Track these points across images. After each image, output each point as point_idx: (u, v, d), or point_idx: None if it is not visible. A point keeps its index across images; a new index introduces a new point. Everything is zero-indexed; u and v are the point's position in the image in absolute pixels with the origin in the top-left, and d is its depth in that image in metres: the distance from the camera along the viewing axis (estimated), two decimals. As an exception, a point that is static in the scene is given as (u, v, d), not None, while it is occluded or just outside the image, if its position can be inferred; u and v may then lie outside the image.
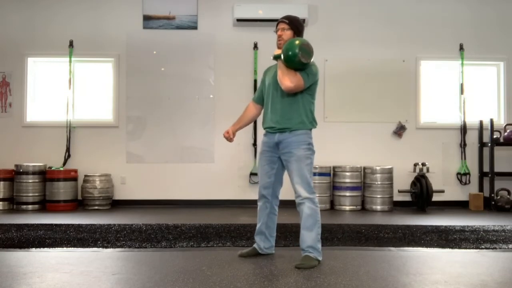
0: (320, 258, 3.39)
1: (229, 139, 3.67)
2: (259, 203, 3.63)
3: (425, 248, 4.03)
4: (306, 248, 3.37)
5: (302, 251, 3.41)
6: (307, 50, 3.30)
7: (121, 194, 6.91)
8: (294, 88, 3.37)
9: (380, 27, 7.09)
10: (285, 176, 3.57)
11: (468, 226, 5.12)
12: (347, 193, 6.59)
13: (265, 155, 3.57)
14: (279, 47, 3.50)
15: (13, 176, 6.53)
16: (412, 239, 4.37)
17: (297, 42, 3.30)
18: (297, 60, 3.28)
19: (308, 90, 3.46)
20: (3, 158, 6.82)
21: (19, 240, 4.23)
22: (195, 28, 7.04)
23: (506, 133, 6.87)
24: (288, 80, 3.35)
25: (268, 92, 3.57)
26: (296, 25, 3.53)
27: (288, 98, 3.44)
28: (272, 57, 3.51)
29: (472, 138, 7.07)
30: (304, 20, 6.76)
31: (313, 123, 3.52)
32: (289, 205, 4.13)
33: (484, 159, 6.96)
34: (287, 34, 3.49)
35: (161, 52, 7.02)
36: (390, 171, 6.63)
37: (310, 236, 3.36)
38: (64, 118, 6.93)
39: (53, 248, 3.95)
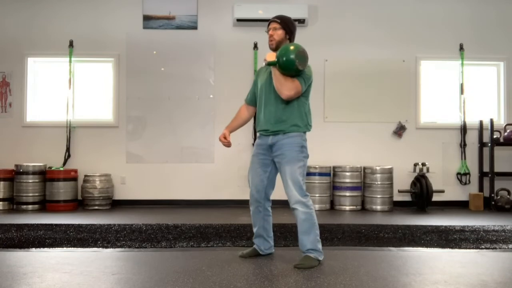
0: (321, 258, 3.38)
1: (227, 143, 3.56)
2: (251, 208, 3.59)
3: (425, 248, 4.03)
4: (306, 251, 3.37)
5: (303, 252, 3.40)
6: (303, 56, 3.26)
7: (121, 194, 6.91)
8: (294, 95, 3.33)
9: (380, 27, 7.09)
10: (278, 178, 3.54)
11: (468, 226, 5.12)
12: (347, 193, 6.59)
13: (258, 157, 3.53)
14: (270, 47, 3.47)
15: (13, 176, 6.54)
16: (412, 239, 4.37)
17: (292, 48, 3.24)
18: (295, 68, 3.24)
19: (303, 92, 3.43)
20: (3, 158, 6.81)
21: (19, 240, 4.23)
22: (195, 28, 7.04)
23: (506, 133, 6.87)
24: (286, 89, 3.30)
25: (261, 94, 3.51)
26: (288, 24, 3.48)
27: (282, 101, 3.38)
28: (264, 64, 3.44)
29: (472, 138, 7.07)
30: (304, 20, 6.81)
31: (307, 126, 3.46)
32: (289, 205, 4.11)
33: (484, 159, 6.96)
34: (279, 34, 3.45)
35: (161, 52, 7.02)
36: (390, 171, 6.62)
37: (308, 240, 3.35)
38: (64, 118, 6.93)
39: (53, 248, 3.95)
